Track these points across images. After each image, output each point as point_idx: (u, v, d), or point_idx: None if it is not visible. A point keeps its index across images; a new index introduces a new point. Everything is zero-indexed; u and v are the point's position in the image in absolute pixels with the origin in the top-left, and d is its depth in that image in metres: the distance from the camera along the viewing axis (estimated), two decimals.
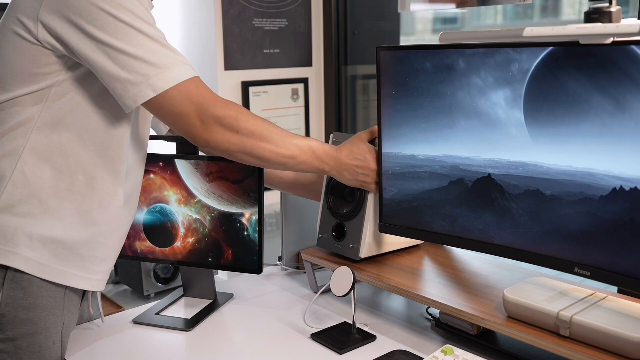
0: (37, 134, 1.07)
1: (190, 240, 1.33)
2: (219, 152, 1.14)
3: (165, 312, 1.33)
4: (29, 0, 1.05)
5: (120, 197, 1.17)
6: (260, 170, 1.27)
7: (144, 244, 1.37)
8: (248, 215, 1.29)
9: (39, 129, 1.08)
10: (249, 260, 1.30)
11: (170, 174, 1.32)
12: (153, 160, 1.32)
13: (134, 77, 1.03)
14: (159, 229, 1.35)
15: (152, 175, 1.33)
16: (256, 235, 1.29)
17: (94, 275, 1.16)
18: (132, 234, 1.36)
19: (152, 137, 1.31)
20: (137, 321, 1.29)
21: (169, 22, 2.22)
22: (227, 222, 1.30)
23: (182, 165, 1.31)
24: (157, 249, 1.36)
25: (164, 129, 1.41)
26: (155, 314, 1.32)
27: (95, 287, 1.17)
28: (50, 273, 1.10)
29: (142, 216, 1.36)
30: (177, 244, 1.34)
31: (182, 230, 1.33)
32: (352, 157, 1.26)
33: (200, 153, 1.31)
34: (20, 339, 1.08)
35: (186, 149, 1.32)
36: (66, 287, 1.13)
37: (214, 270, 1.42)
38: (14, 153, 1.07)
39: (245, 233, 1.30)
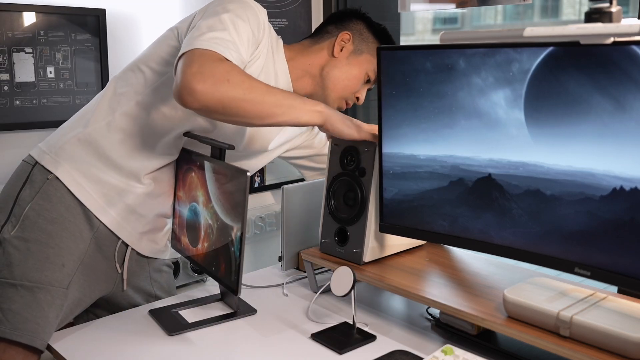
0: (135, 105, 1.30)
1: (206, 244, 1.31)
2: (211, 103, 1.10)
3: (179, 309, 1.33)
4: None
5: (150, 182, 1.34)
6: (245, 185, 1.16)
7: (185, 239, 1.38)
8: (235, 231, 1.19)
9: (137, 102, 1.30)
10: (230, 278, 1.22)
11: (201, 175, 1.30)
12: (194, 159, 1.32)
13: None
14: (192, 227, 1.35)
15: (192, 174, 1.33)
16: (238, 254, 1.19)
17: (129, 225, 1.31)
18: (179, 228, 1.40)
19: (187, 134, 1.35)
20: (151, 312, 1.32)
21: (170, 23, 2.22)
22: (224, 234, 1.24)
23: (207, 167, 1.28)
24: (191, 246, 1.36)
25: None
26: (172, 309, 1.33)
27: (124, 235, 1.31)
28: (85, 197, 1.26)
29: (186, 212, 1.36)
30: (199, 246, 1.34)
31: (202, 234, 1.32)
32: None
33: (226, 160, 1.27)
34: (33, 243, 1.21)
35: (215, 152, 1.29)
36: (97, 229, 1.27)
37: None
38: (112, 110, 1.30)
39: (232, 249, 1.21)
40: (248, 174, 1.14)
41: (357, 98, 1.51)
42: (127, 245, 1.34)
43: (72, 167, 1.27)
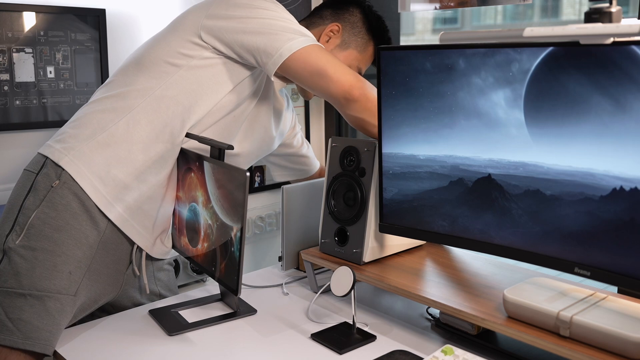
0: (153, 100, 1.30)
1: (206, 245, 1.31)
2: (371, 107, 1.29)
3: (179, 309, 1.34)
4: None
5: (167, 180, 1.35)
6: (245, 185, 1.17)
7: (184, 240, 1.38)
8: (235, 231, 1.20)
9: (156, 97, 1.30)
10: (230, 278, 1.22)
11: (201, 175, 1.30)
12: (194, 159, 1.32)
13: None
14: (192, 228, 1.35)
15: (192, 174, 1.33)
16: (238, 253, 1.19)
17: (143, 230, 1.31)
18: (179, 228, 1.39)
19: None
20: (152, 312, 1.32)
21: (169, 22, 2.22)
22: (224, 234, 1.24)
23: (207, 168, 1.28)
24: (190, 247, 1.36)
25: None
26: (172, 309, 1.33)
27: (137, 239, 1.31)
28: (97, 195, 1.25)
29: (185, 212, 1.36)
30: (199, 246, 1.33)
31: (202, 234, 1.32)
32: None
33: (225, 159, 1.27)
34: (40, 251, 1.20)
35: (214, 152, 1.29)
36: (104, 233, 1.26)
37: None
38: (128, 108, 1.29)
39: (232, 249, 1.21)
40: (247, 174, 1.14)
41: None
42: (138, 251, 1.35)
43: (88, 169, 1.25)
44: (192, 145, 1.34)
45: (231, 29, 1.28)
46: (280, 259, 1.57)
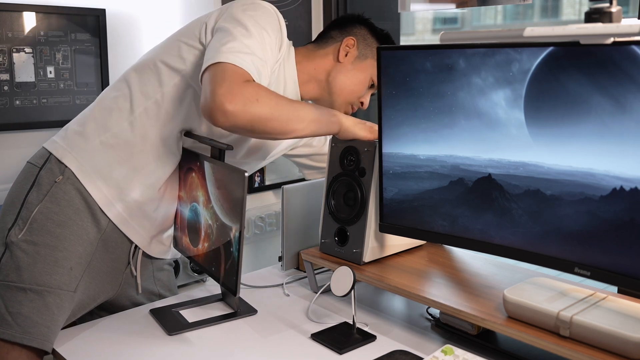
0: (153, 104, 1.29)
1: (206, 245, 1.31)
2: (241, 123, 1.14)
3: (180, 309, 1.34)
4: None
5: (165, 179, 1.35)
6: (244, 185, 1.16)
7: (186, 239, 1.38)
8: (234, 231, 1.19)
9: (156, 101, 1.30)
10: (229, 278, 1.22)
11: (201, 175, 1.30)
12: (195, 159, 1.32)
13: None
14: (193, 228, 1.35)
15: (193, 174, 1.32)
16: (237, 254, 1.19)
17: (141, 229, 1.32)
18: (181, 228, 1.39)
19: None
20: (152, 312, 1.32)
21: (170, 23, 2.22)
22: (223, 234, 1.24)
23: (207, 168, 1.28)
24: (192, 246, 1.36)
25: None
26: (173, 309, 1.33)
27: (135, 238, 1.32)
28: (99, 194, 1.26)
29: (187, 212, 1.36)
30: (199, 246, 1.33)
31: (203, 234, 1.32)
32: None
33: (225, 159, 1.27)
34: (41, 246, 1.21)
35: (214, 152, 1.29)
36: (104, 231, 1.27)
37: None
38: (132, 110, 1.29)
39: (231, 249, 1.21)
40: (246, 174, 1.14)
41: (362, 103, 1.52)
42: (136, 249, 1.35)
43: (91, 168, 1.26)
44: (192, 145, 1.34)
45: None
46: (280, 259, 1.57)
